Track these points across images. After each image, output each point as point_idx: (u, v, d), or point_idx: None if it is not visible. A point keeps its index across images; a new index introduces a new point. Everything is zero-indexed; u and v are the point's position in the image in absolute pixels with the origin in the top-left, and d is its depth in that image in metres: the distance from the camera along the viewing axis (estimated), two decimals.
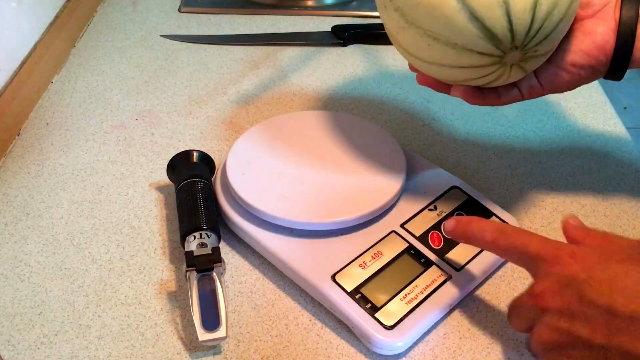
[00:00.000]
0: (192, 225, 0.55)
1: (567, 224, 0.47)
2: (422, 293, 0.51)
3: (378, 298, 0.50)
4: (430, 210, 0.57)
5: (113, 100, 0.76)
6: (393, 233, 0.55)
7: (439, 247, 0.54)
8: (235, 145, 0.61)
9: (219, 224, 0.57)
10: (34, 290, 0.54)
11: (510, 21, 0.46)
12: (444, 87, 0.56)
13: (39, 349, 0.49)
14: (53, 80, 0.79)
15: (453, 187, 0.60)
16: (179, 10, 0.94)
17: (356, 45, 0.87)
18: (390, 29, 0.53)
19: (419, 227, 0.56)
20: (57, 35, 0.81)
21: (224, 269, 0.53)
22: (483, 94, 0.54)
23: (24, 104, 0.72)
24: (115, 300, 0.53)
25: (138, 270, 0.56)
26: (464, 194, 0.59)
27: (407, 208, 0.58)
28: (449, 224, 0.50)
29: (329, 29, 0.88)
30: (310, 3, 0.96)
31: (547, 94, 0.54)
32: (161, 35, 0.88)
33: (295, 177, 0.58)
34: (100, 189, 0.64)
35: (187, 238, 0.54)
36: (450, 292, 0.52)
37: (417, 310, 0.50)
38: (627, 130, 0.72)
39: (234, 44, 0.87)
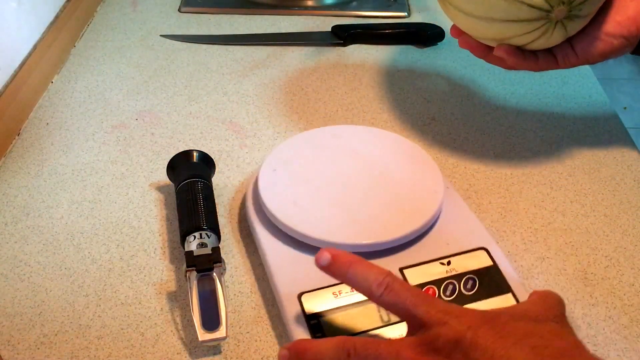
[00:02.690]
0: (192, 225, 0.55)
1: None
2: None
3: (332, 331, 0.47)
4: (442, 263, 0.52)
5: (113, 100, 0.76)
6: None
7: None
8: (272, 152, 0.60)
9: (219, 224, 0.57)
10: (34, 290, 0.54)
11: None
12: (484, 51, 0.60)
13: (39, 349, 0.49)
14: (53, 80, 0.79)
15: (482, 248, 0.53)
16: (179, 10, 0.94)
17: (356, 45, 0.87)
18: None
19: (418, 276, 0.51)
20: (57, 35, 0.81)
21: (224, 269, 0.53)
22: (523, 55, 0.58)
23: (24, 104, 0.72)
24: (115, 300, 0.53)
25: (138, 270, 0.56)
26: (489, 259, 0.52)
27: (419, 252, 0.53)
28: (324, 256, 0.43)
29: (329, 29, 0.88)
30: (310, 3, 0.96)
31: (580, 63, 0.58)
32: (161, 35, 0.88)
33: (321, 193, 0.56)
34: (100, 189, 0.64)
35: (187, 238, 0.54)
36: None
37: None
38: (627, 130, 0.72)
39: (234, 44, 0.87)
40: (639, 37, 0.56)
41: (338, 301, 0.49)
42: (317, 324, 0.48)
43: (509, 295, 0.50)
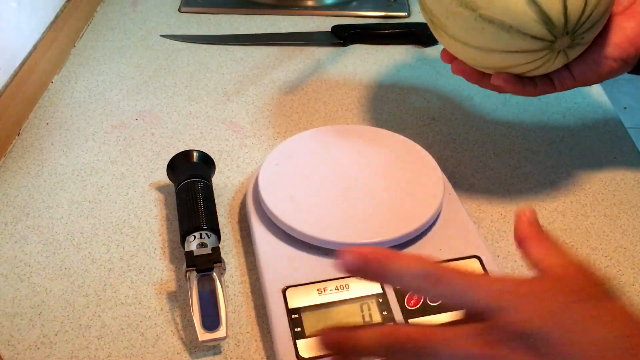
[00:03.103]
0: (192, 225, 0.55)
1: (520, 221, 0.40)
2: None
3: (312, 327, 0.47)
4: None
5: (113, 100, 0.76)
6: None
7: (413, 307, 0.49)
8: (269, 156, 0.60)
9: (219, 224, 0.57)
10: (34, 290, 0.54)
11: (565, 6, 0.49)
12: (478, 76, 0.58)
13: (39, 349, 0.49)
14: (53, 80, 0.79)
15: (475, 256, 0.53)
16: (179, 10, 0.94)
17: (356, 45, 0.87)
18: (438, 15, 0.54)
19: None
20: (57, 35, 0.81)
21: (224, 269, 0.53)
22: (522, 83, 0.56)
23: (24, 104, 0.72)
24: (115, 300, 0.53)
25: (138, 270, 0.56)
26: (481, 268, 0.52)
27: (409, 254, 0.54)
28: (350, 260, 0.36)
29: (329, 29, 0.88)
30: (310, 3, 0.96)
31: (578, 86, 0.57)
32: (161, 35, 0.88)
33: (318, 190, 0.56)
34: (100, 189, 0.64)
35: (187, 238, 0.54)
36: None
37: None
38: (627, 130, 0.72)
39: (234, 44, 0.87)
40: (637, 58, 0.54)
41: (322, 298, 0.50)
42: (298, 318, 0.48)
43: None
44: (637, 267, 0.56)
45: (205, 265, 0.51)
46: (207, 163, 0.62)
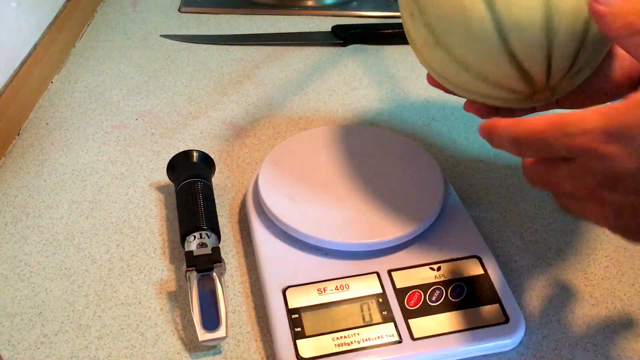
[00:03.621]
0: (192, 225, 0.55)
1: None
2: (358, 343, 0.47)
3: (312, 327, 0.48)
4: (432, 269, 0.52)
5: (113, 100, 0.76)
6: (375, 274, 0.51)
7: (413, 307, 0.49)
8: (268, 157, 0.60)
9: (219, 224, 0.57)
10: (34, 290, 0.54)
11: (549, 66, 0.44)
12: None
13: (39, 349, 0.49)
14: (53, 80, 0.79)
15: (475, 256, 0.53)
16: (179, 10, 0.94)
17: (356, 45, 0.87)
18: (414, 40, 0.50)
19: (405, 279, 0.51)
20: (57, 35, 0.81)
21: (224, 269, 0.53)
22: (497, 111, 0.53)
23: (24, 104, 0.72)
24: (115, 300, 0.53)
25: (138, 270, 0.56)
26: (481, 268, 0.52)
27: (410, 255, 0.53)
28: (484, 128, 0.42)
29: (329, 29, 0.88)
30: (310, 3, 0.96)
31: (560, 109, 0.53)
32: (161, 35, 0.88)
33: (318, 190, 0.56)
34: (100, 189, 0.64)
35: (187, 238, 0.54)
36: (388, 356, 0.47)
37: (340, 356, 0.46)
38: None
39: (234, 44, 0.87)
40: (632, 89, 0.50)
41: (322, 298, 0.50)
42: (298, 318, 0.48)
43: (497, 305, 0.50)
44: (637, 267, 0.56)
45: (205, 265, 0.51)
46: (207, 163, 0.62)
